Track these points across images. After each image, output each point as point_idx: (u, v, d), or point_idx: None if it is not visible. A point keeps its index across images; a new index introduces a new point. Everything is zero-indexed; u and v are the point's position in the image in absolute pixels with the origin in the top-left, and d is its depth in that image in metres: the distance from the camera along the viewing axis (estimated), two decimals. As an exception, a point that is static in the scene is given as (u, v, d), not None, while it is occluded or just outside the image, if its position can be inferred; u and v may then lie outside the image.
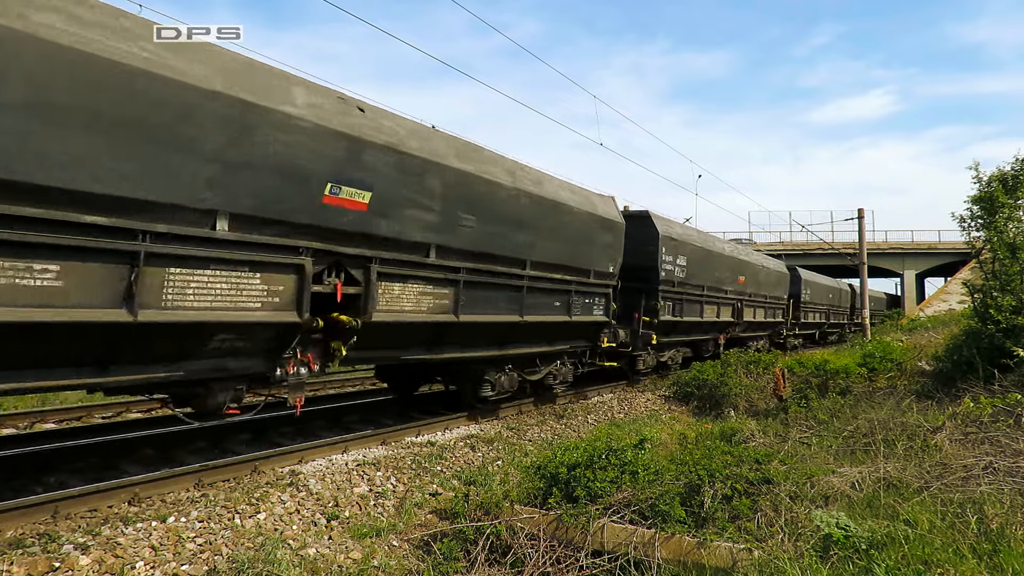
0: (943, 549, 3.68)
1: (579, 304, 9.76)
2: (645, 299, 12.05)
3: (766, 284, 18.94)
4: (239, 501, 5.13)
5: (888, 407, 7.61)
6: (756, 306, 18.21)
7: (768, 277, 19.23)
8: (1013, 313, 8.26)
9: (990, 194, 9.52)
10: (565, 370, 10.43)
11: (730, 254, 16.24)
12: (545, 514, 4.99)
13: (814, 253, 43.67)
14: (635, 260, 11.63)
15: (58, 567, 3.87)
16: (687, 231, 14.00)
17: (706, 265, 14.35)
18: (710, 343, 16.15)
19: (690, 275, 13.43)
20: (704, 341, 16.12)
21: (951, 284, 33.18)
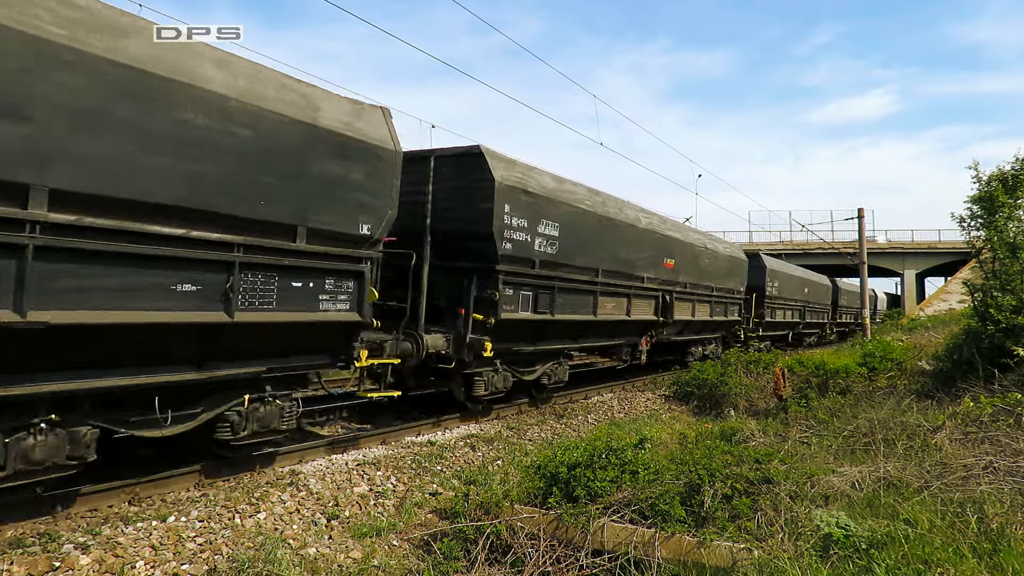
0: (943, 549, 3.68)
1: (260, 290, 5.25)
2: (476, 286, 7.93)
3: (712, 272, 15.02)
4: (239, 501, 5.13)
5: (888, 407, 7.61)
6: (696, 300, 14.25)
7: (715, 264, 15.22)
8: (1013, 313, 8.26)
9: (990, 194, 9.52)
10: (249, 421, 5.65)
11: (647, 227, 11.83)
12: (545, 514, 4.99)
13: (814, 253, 43.66)
14: (455, 223, 7.95)
15: (58, 566, 3.88)
16: (562, 186, 9.42)
17: (599, 239, 10.12)
18: (622, 350, 12.22)
19: (567, 251, 9.24)
20: (609, 347, 12.12)
21: (951, 284, 33.17)
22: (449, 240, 8.01)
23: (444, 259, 8.04)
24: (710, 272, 14.92)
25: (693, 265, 13.97)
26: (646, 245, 11.81)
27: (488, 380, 8.57)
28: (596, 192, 10.55)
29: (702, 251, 14.67)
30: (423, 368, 8.16)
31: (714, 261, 15.26)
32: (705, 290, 14.72)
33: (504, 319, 8.09)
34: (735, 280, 16.75)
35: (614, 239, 10.63)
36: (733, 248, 17.70)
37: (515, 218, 8.19)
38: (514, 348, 8.83)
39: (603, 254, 10.31)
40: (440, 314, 8.07)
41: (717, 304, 15.71)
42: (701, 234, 15.58)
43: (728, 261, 16.31)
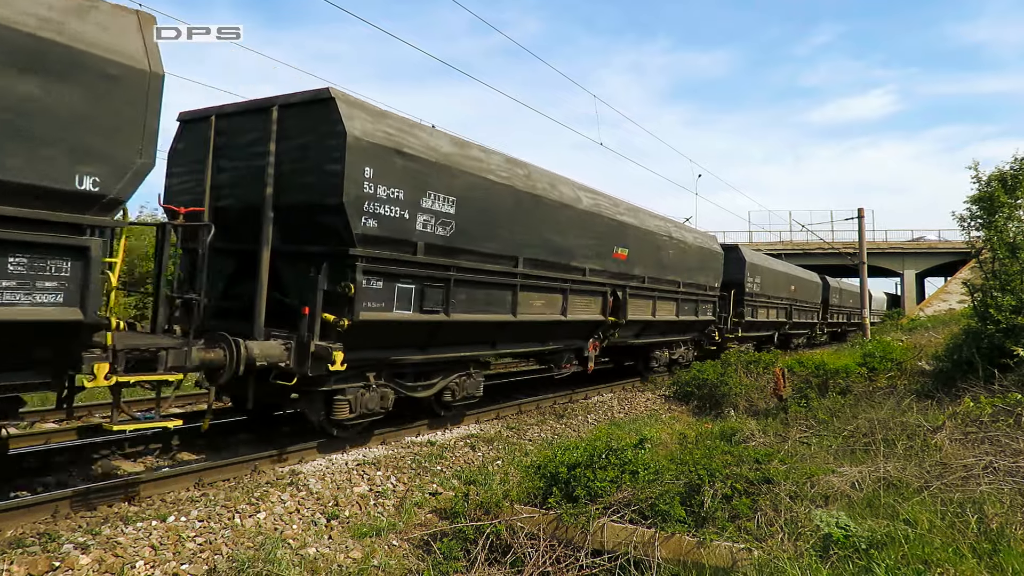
0: (943, 549, 3.68)
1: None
2: (327, 276, 6.18)
3: (679, 266, 13.27)
4: (239, 501, 5.13)
5: (888, 407, 7.61)
6: (658, 297, 12.43)
7: (683, 255, 13.45)
8: (1013, 313, 8.26)
9: (990, 194, 9.53)
10: None
11: (590, 208, 9.97)
12: (545, 514, 4.99)
13: (814, 253, 43.67)
14: (301, 193, 6.20)
15: (58, 566, 3.88)
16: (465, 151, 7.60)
17: (520, 220, 8.21)
18: (561, 356, 10.23)
19: (470, 234, 7.39)
20: (543, 353, 10.17)
21: (951, 284, 33.18)
22: (296, 216, 6.22)
23: (292, 242, 6.34)
24: (676, 265, 13.18)
25: (653, 256, 12.13)
26: (589, 231, 9.88)
27: (357, 400, 6.62)
28: (518, 163, 8.66)
29: (665, 240, 12.68)
30: (268, 386, 6.29)
31: (681, 253, 13.45)
32: (669, 286, 13.00)
33: (366, 320, 6.20)
34: (708, 275, 14.91)
35: (542, 222, 8.68)
36: (706, 238, 15.63)
37: (384, 187, 6.24)
38: (394, 357, 6.94)
39: (526, 239, 8.34)
40: (290, 315, 6.26)
41: (686, 302, 13.86)
42: (665, 221, 13.43)
43: (699, 253, 14.46)
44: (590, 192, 10.49)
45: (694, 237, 14.69)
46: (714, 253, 15.52)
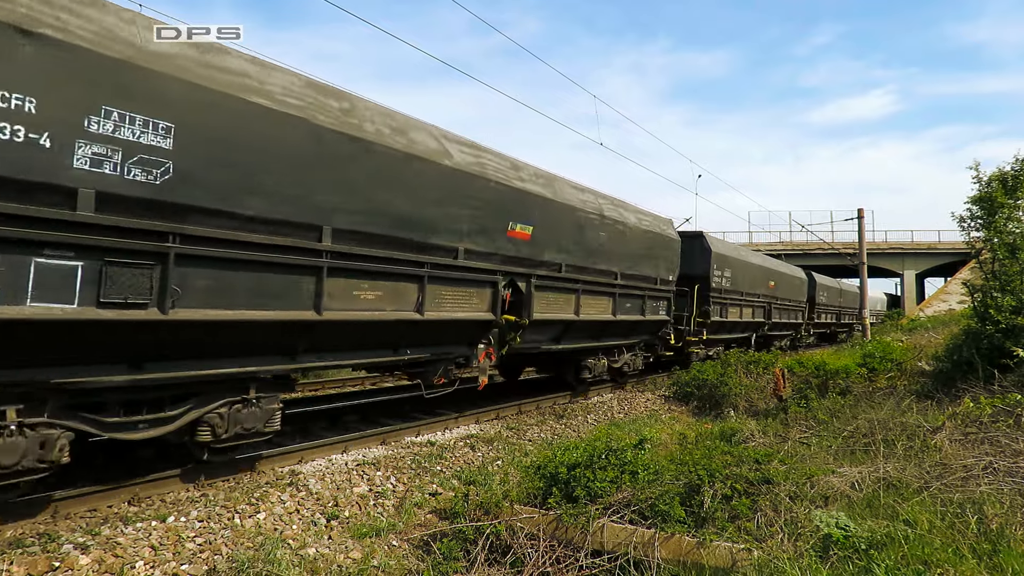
0: (943, 549, 3.68)
1: None
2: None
3: (617, 252, 10.71)
4: (239, 501, 5.13)
5: (888, 407, 7.61)
6: (584, 291, 9.84)
7: (622, 240, 10.89)
8: (1013, 313, 8.26)
9: (990, 194, 9.54)
10: None
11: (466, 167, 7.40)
12: (545, 514, 4.99)
13: (814, 253, 43.70)
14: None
15: (58, 567, 3.88)
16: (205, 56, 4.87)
17: (331, 170, 5.77)
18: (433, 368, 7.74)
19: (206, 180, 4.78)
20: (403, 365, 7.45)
21: (951, 284, 33.19)
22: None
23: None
24: (611, 251, 10.55)
25: (575, 239, 9.50)
26: (466, 198, 7.25)
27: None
28: (333, 92, 6.06)
29: (594, 219, 9.97)
30: None
31: (618, 236, 10.77)
32: (603, 277, 10.38)
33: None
34: (658, 265, 12.32)
35: (374, 179, 6.10)
36: (656, 221, 12.69)
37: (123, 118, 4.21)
38: (64, 380, 4.34)
39: (340, 202, 5.82)
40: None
41: (627, 297, 11.24)
42: (597, 196, 10.67)
43: (646, 238, 11.74)
44: (472, 148, 7.62)
45: (638, 218, 11.71)
46: (667, 240, 12.69)
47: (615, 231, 10.78)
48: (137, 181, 4.37)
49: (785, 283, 21.49)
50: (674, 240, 13.29)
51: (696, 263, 15.00)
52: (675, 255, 13.23)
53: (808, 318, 25.34)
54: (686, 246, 14.28)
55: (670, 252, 12.97)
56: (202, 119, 4.70)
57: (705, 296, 15.02)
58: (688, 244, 14.59)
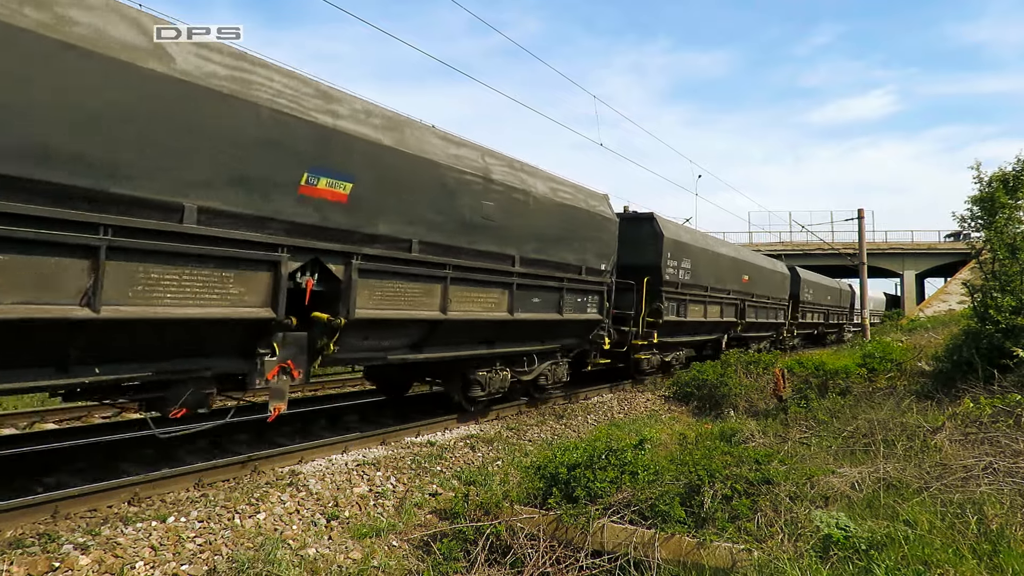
0: (943, 549, 3.68)
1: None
2: None
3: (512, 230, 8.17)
4: (239, 501, 5.13)
5: (888, 407, 7.61)
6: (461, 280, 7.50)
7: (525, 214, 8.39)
8: (1013, 313, 8.26)
9: (990, 194, 9.54)
10: None
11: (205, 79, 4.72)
12: (545, 514, 4.99)
13: (814, 253, 43.71)
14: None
15: (58, 567, 3.87)
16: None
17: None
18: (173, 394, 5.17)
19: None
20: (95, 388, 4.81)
21: (951, 284, 33.20)
22: None
23: None
24: (506, 228, 7.94)
25: (439, 207, 6.98)
26: (206, 132, 4.76)
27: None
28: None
29: (475, 184, 7.43)
30: None
31: (518, 208, 8.15)
32: (490, 261, 7.77)
33: None
34: (585, 250, 9.73)
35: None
36: (581, 194, 9.93)
37: None
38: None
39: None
40: None
41: (533, 290, 8.62)
42: (484, 152, 7.98)
43: (564, 215, 9.17)
44: (227, 55, 5.02)
45: (553, 188, 9.03)
46: (598, 219, 10.06)
47: (511, 201, 7.99)
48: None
49: (762, 278, 18.55)
50: (608, 220, 10.42)
51: (645, 251, 12.44)
52: (611, 239, 10.49)
53: (791, 318, 22.67)
54: (630, 230, 12.03)
55: (603, 234, 10.22)
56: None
57: (657, 291, 12.50)
58: (634, 228, 12.31)
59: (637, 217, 13.02)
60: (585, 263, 9.89)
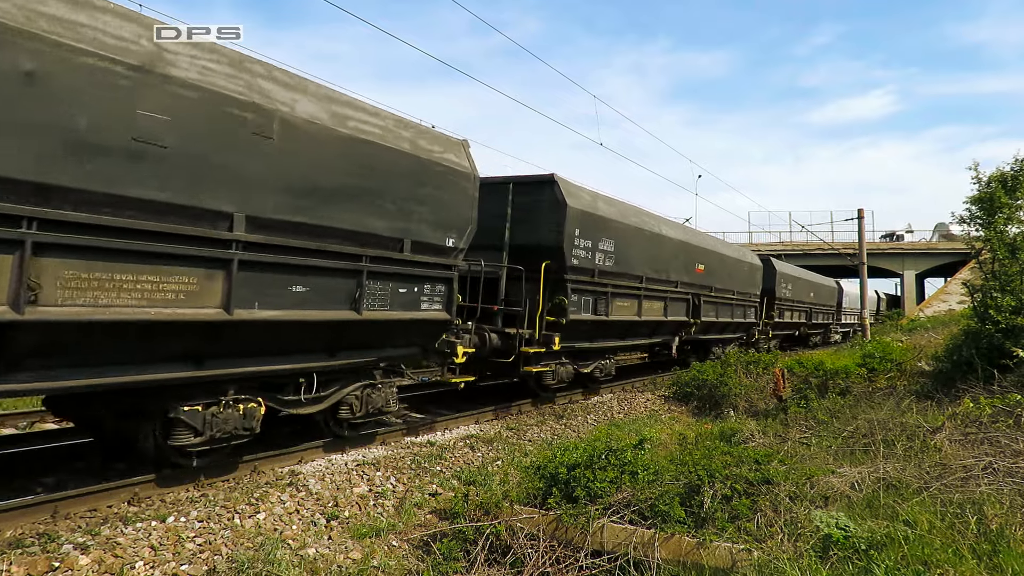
0: (943, 549, 3.68)
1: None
2: None
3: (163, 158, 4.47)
4: (239, 501, 5.13)
5: (888, 407, 7.61)
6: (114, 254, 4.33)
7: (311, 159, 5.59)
8: (1013, 313, 8.27)
9: (990, 194, 9.54)
10: None
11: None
12: (545, 514, 4.99)
13: (814, 253, 43.69)
14: None
15: (58, 567, 3.87)
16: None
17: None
18: None
19: None
20: None
21: (951, 284, 33.20)
22: None
23: None
24: (198, 161, 4.77)
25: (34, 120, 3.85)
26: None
27: None
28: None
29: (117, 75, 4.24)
30: None
31: (245, 136, 5.09)
32: (159, 218, 4.57)
33: None
34: (407, 215, 6.71)
35: None
36: (399, 130, 6.71)
37: None
38: None
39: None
40: None
41: (290, 271, 5.58)
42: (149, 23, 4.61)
43: (358, 155, 6.13)
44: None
45: (337, 113, 6.00)
46: (439, 172, 7.06)
47: (223, 119, 4.94)
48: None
49: (724, 269, 15.49)
50: (458, 174, 7.24)
51: (542, 226, 9.33)
52: (464, 201, 7.34)
53: (766, 316, 19.40)
54: (522, 197, 9.31)
55: (449, 195, 7.13)
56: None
57: (560, 280, 9.40)
58: (526, 195, 9.37)
59: (530, 181, 9.48)
60: (412, 235, 6.68)
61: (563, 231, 9.31)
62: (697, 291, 14.04)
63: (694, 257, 13.91)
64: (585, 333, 10.36)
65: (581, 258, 9.74)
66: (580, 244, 9.69)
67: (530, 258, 9.21)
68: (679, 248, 13.20)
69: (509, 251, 9.33)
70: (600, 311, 10.42)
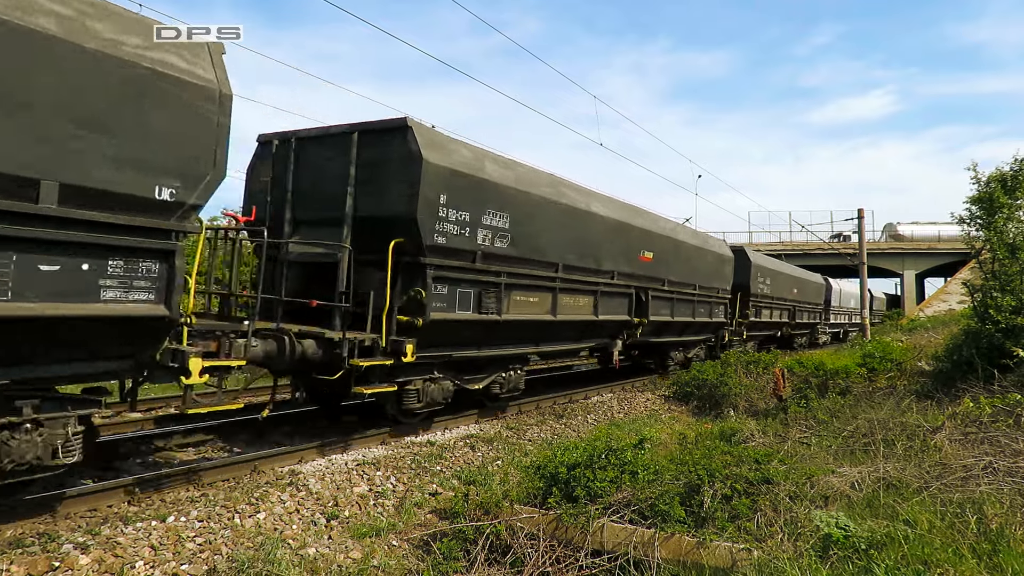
0: (943, 549, 3.68)
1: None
2: None
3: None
4: (239, 501, 5.13)
5: (888, 407, 7.61)
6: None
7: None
8: (1013, 313, 8.27)
9: (989, 194, 9.55)
10: None
11: None
12: (545, 514, 4.99)
13: (814, 253, 43.68)
14: None
15: (58, 566, 3.88)
16: None
17: None
18: None
19: None
20: None
21: (951, 284, 33.19)
22: None
23: None
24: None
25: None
26: None
27: None
28: None
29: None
30: None
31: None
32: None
33: None
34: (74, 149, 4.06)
35: None
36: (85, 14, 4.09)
37: None
38: None
39: None
40: None
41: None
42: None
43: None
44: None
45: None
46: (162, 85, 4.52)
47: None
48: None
49: (679, 258, 13.00)
50: (183, 84, 4.66)
51: (390, 191, 6.82)
52: (197, 131, 4.80)
53: (739, 315, 17.01)
54: (363, 150, 7.01)
55: (157, 118, 4.53)
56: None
57: (415, 266, 6.93)
58: (370, 147, 6.99)
59: (378, 128, 6.97)
60: (66, 175, 4.11)
61: (417, 196, 6.63)
62: (644, 284, 11.61)
63: (638, 242, 11.31)
64: (466, 338, 7.85)
65: (451, 235, 7.09)
66: (448, 216, 7.03)
67: (381, 235, 6.72)
68: (616, 230, 10.56)
69: (353, 225, 6.81)
70: (487, 308, 7.79)
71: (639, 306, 11.53)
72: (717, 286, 15.31)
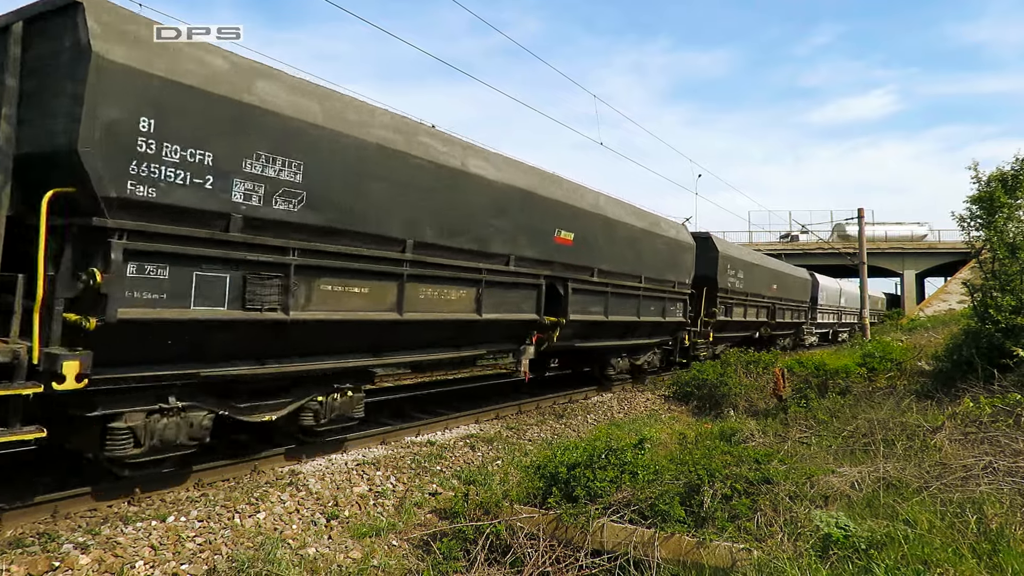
0: (943, 549, 3.68)
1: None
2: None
3: None
4: (239, 501, 5.13)
5: (888, 407, 7.61)
6: None
7: None
8: (1013, 313, 8.27)
9: (990, 194, 9.54)
10: None
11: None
12: (545, 514, 4.99)
13: (814, 253, 43.68)
14: None
15: (58, 566, 3.88)
16: None
17: None
18: None
19: None
20: None
21: (951, 284, 33.19)
22: None
23: None
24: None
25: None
26: None
27: None
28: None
29: None
30: None
31: None
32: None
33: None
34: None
35: None
36: None
37: None
38: None
39: None
40: None
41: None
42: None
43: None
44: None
45: None
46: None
47: None
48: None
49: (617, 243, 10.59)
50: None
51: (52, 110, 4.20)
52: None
53: (705, 314, 14.98)
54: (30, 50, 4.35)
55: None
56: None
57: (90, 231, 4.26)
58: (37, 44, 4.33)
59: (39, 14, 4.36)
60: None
61: (81, 116, 4.05)
62: (560, 274, 9.11)
63: (553, 219, 8.81)
64: (226, 347, 5.20)
65: (170, 185, 4.51)
66: (165, 155, 4.44)
67: (43, 183, 4.21)
68: (516, 200, 8.05)
69: (15, 169, 4.32)
70: (262, 302, 5.20)
71: (555, 302, 9.04)
72: (673, 279, 12.67)
